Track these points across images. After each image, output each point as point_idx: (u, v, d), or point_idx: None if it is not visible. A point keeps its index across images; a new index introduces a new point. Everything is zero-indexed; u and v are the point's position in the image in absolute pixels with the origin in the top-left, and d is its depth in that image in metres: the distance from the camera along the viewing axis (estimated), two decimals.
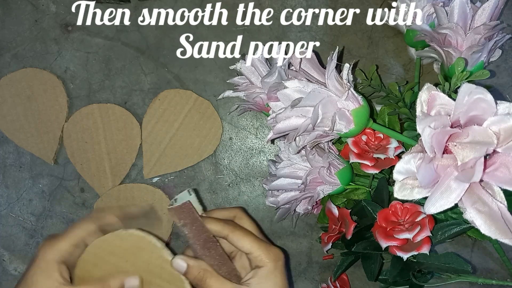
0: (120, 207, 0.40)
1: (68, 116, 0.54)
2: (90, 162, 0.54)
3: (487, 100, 0.27)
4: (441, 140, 0.28)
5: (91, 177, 0.54)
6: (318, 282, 0.54)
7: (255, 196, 0.55)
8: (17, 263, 0.55)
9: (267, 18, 0.54)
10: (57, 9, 0.55)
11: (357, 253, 0.44)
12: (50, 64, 0.55)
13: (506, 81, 0.53)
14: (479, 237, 0.43)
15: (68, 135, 0.54)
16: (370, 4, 0.54)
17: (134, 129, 0.54)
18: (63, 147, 0.55)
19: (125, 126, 0.54)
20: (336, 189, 0.45)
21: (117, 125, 0.54)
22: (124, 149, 0.54)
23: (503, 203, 0.28)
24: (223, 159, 0.55)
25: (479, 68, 0.44)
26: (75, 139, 0.54)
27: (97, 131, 0.54)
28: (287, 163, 0.45)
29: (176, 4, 0.55)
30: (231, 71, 0.53)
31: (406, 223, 0.40)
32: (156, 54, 0.55)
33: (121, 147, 0.54)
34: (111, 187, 0.54)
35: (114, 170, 0.54)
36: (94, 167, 0.54)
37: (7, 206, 0.56)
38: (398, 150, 0.42)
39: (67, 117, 0.54)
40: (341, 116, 0.37)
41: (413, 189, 0.30)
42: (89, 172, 0.54)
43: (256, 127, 0.55)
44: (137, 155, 0.54)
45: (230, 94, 0.49)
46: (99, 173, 0.54)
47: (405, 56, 0.54)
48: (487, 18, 0.41)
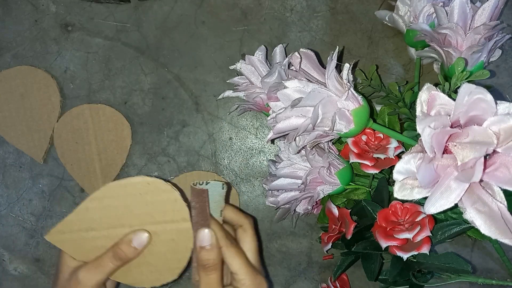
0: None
1: (60, 116, 0.55)
2: (81, 162, 0.54)
3: (487, 100, 0.27)
4: (441, 140, 0.28)
5: (82, 178, 0.54)
6: (318, 282, 0.54)
7: (255, 196, 0.55)
8: (17, 263, 0.55)
9: (267, 18, 0.54)
10: (57, 9, 0.55)
11: (357, 253, 0.44)
12: (50, 64, 0.55)
13: (506, 81, 0.53)
14: (479, 237, 0.43)
15: (58, 135, 0.54)
16: (370, 4, 0.54)
17: (124, 130, 0.54)
18: (54, 147, 0.55)
19: (115, 127, 0.54)
20: (336, 189, 0.45)
21: (108, 125, 0.54)
22: (115, 149, 0.54)
23: (503, 203, 0.28)
24: (223, 159, 0.55)
25: (479, 68, 0.44)
26: (65, 140, 0.54)
27: (88, 131, 0.54)
28: (287, 163, 0.45)
29: (176, 4, 0.55)
30: (231, 71, 0.53)
31: (406, 223, 0.40)
32: (156, 54, 0.55)
33: (111, 147, 0.54)
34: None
35: (104, 170, 0.54)
36: (84, 168, 0.54)
37: (7, 206, 0.56)
38: (398, 150, 0.42)
39: (59, 116, 0.54)
40: (341, 116, 0.37)
41: (413, 189, 0.30)
42: (79, 173, 0.54)
43: (256, 127, 0.55)
44: (128, 155, 0.54)
45: (230, 94, 0.49)
46: (89, 173, 0.54)
47: (405, 56, 0.54)
48: (487, 18, 0.41)
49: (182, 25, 0.55)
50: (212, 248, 0.35)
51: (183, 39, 0.55)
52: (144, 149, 0.55)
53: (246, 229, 0.39)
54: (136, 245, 0.36)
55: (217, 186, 0.38)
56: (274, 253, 0.55)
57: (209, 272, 0.35)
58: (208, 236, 0.35)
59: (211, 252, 0.35)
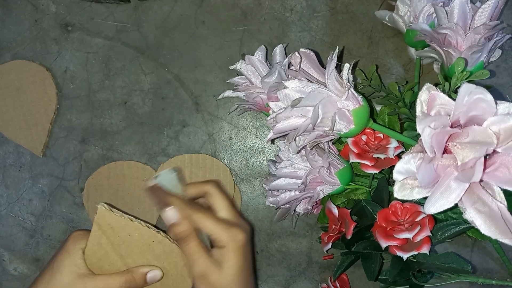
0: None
1: (58, 109, 0.55)
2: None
3: (487, 100, 0.27)
4: (441, 140, 0.28)
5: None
6: (318, 282, 0.54)
7: (255, 196, 0.55)
8: (17, 263, 0.55)
9: (267, 18, 0.54)
10: (57, 9, 0.55)
11: (357, 253, 0.44)
12: (50, 64, 0.55)
13: (506, 81, 0.53)
14: (479, 237, 0.43)
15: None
16: (370, 4, 0.54)
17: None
18: (52, 140, 0.55)
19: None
20: (336, 189, 0.45)
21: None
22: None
23: (503, 203, 0.28)
24: (223, 159, 0.55)
25: (479, 68, 0.44)
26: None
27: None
28: (287, 163, 0.45)
29: (176, 4, 0.55)
30: (231, 71, 0.53)
31: (406, 223, 0.40)
32: (156, 54, 0.55)
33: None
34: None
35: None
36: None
37: (7, 206, 0.56)
38: (398, 150, 0.42)
39: (56, 109, 0.55)
40: (341, 116, 0.37)
41: (413, 189, 0.30)
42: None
43: (256, 127, 0.55)
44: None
45: (230, 94, 0.49)
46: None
47: (405, 56, 0.54)
48: (487, 18, 0.41)
49: (182, 25, 0.55)
50: (180, 221, 0.37)
51: (183, 39, 0.55)
52: (144, 149, 0.55)
53: (211, 192, 0.40)
54: (148, 278, 0.38)
55: (168, 173, 0.39)
56: (274, 253, 0.55)
57: (187, 241, 0.36)
58: (172, 212, 0.37)
59: (181, 225, 0.37)
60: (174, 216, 0.37)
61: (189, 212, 0.37)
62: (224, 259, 0.36)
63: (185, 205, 0.37)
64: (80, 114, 0.55)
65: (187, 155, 0.54)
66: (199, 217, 0.37)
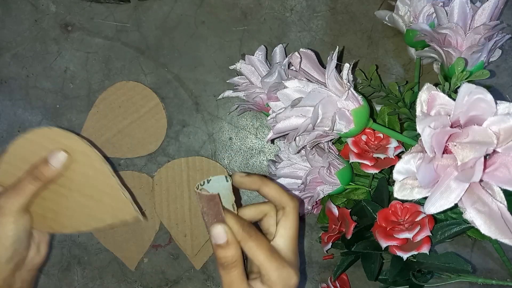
0: None
1: (58, 109, 0.54)
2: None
3: (487, 100, 0.27)
4: (441, 140, 0.28)
5: None
6: (318, 282, 0.54)
7: (255, 196, 0.55)
8: None
9: (267, 18, 0.54)
10: (57, 9, 0.55)
11: (357, 253, 0.44)
12: (50, 64, 0.55)
13: (506, 81, 0.53)
14: (479, 237, 0.43)
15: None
16: (370, 4, 0.54)
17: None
18: None
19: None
20: (336, 189, 0.45)
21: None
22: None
23: (503, 203, 0.28)
24: (223, 159, 0.55)
25: (479, 68, 0.44)
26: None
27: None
28: (287, 163, 0.45)
29: (176, 4, 0.55)
30: (231, 71, 0.53)
31: (406, 223, 0.40)
32: (156, 54, 0.55)
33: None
34: None
35: None
36: None
37: None
38: (398, 150, 0.42)
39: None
40: (341, 116, 0.37)
41: (413, 189, 0.30)
42: None
43: (256, 127, 0.55)
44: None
45: (230, 94, 0.49)
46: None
47: (405, 56, 0.54)
48: (487, 18, 0.41)
49: (182, 25, 0.55)
50: (228, 245, 0.32)
51: (183, 39, 0.55)
52: None
53: (287, 213, 0.34)
54: (53, 164, 0.36)
55: (221, 180, 0.34)
56: None
57: (229, 269, 0.32)
58: (222, 233, 0.32)
59: (228, 249, 0.32)
60: (224, 237, 0.32)
61: (242, 237, 0.32)
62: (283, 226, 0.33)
63: (240, 227, 0.32)
64: (80, 114, 0.55)
65: (183, 159, 0.54)
66: (252, 247, 0.32)
